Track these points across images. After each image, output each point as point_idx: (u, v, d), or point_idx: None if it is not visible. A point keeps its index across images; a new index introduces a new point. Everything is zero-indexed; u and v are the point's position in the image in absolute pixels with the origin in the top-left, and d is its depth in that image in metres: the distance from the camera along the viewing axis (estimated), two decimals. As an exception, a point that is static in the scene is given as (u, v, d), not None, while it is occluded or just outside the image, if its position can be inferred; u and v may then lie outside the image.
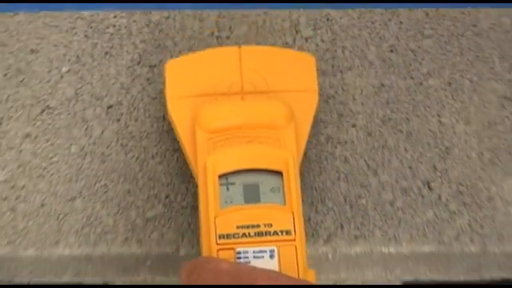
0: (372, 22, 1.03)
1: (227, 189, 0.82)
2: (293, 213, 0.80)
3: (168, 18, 1.02)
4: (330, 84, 1.00)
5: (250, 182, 0.82)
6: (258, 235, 0.79)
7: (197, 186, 0.84)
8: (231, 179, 0.82)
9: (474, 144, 0.98)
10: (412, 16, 1.03)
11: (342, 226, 0.94)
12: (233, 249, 0.79)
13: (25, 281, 0.97)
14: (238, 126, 0.84)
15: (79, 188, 0.95)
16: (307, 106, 0.89)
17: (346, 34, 1.02)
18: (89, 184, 0.96)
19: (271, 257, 0.78)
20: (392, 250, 0.94)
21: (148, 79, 1.00)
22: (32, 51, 1.01)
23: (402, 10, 1.03)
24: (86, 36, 1.02)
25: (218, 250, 0.79)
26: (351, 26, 1.02)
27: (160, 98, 0.99)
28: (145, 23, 1.02)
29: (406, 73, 1.01)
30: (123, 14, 1.03)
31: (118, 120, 0.98)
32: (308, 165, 0.97)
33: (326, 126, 0.98)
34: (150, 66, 1.00)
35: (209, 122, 0.85)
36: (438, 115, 0.99)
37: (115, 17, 1.03)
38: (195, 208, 0.95)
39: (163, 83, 0.91)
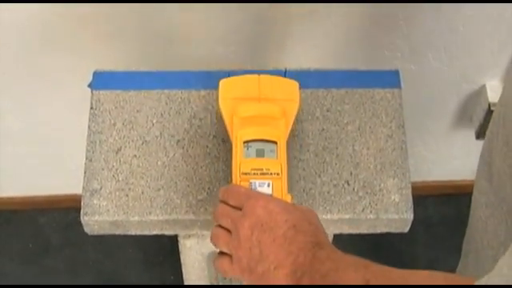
0: (317, 96, 1.03)
1: (247, 149, 0.89)
2: (281, 164, 0.88)
3: (210, 93, 1.03)
4: (296, 128, 1.00)
5: (260, 146, 0.89)
6: (262, 174, 0.86)
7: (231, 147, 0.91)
8: (250, 144, 0.89)
9: (371, 160, 0.99)
10: (339, 93, 1.04)
11: (301, 204, 0.96)
12: (248, 180, 0.85)
13: (133, 233, 0.99)
14: (255, 116, 0.91)
15: (162, 184, 0.97)
16: (292, 108, 0.95)
17: (303, 102, 1.02)
18: (167, 181, 0.97)
19: (268, 186, 0.85)
20: (328, 217, 0.96)
21: (199, 126, 1.01)
22: (137, 111, 1.02)
23: (334, 90, 1.04)
24: (166, 103, 1.03)
25: (240, 181, 0.86)
26: (306, 98, 1.03)
27: (206, 137, 1.00)
28: (197, 96, 1.03)
29: (335, 122, 1.02)
30: (185, 91, 1.03)
31: (183, 148, 1.00)
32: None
33: (293, 151, 0.99)
34: (200, 119, 1.01)
35: (241, 113, 0.92)
36: (353, 145, 1.00)
37: (181, 93, 1.03)
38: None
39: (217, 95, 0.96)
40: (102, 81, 1.05)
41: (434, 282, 0.65)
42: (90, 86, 1.05)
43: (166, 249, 1.88)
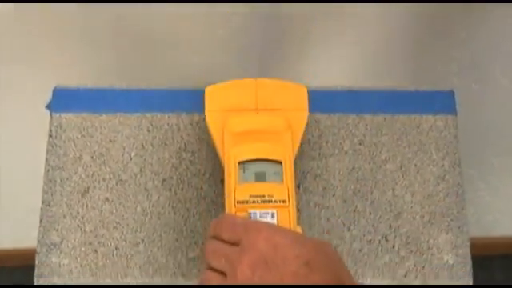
0: (347, 124, 1.05)
1: (244, 171, 0.89)
2: (288, 188, 0.88)
3: (205, 119, 1.02)
4: (317, 166, 1.02)
5: (260, 168, 0.90)
6: (264, 202, 0.86)
7: (223, 171, 0.90)
8: (246, 165, 0.89)
9: (417, 209, 1.01)
10: (374, 120, 1.05)
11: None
12: (246, 210, 0.85)
13: (102, 301, 1.01)
14: (252, 131, 0.92)
15: (142, 236, 0.99)
16: (300, 119, 0.95)
17: (328, 131, 1.04)
18: (149, 234, 0.99)
19: (272, 216, 0.85)
20: (360, 282, 0.97)
21: (191, 161, 1.02)
22: (110, 141, 1.03)
23: (368, 116, 1.05)
24: (148, 131, 1.04)
25: (236, 211, 0.86)
26: (332, 126, 1.04)
27: (200, 175, 1.02)
28: (189, 122, 1.05)
29: (370, 159, 1.03)
30: (174, 115, 1.05)
31: (170, 189, 1.01)
32: (301, 221, 0.99)
33: (314, 196, 1.01)
34: (192, 152, 1.03)
35: (234, 127, 0.92)
36: (393, 189, 1.02)
37: (169, 117, 1.05)
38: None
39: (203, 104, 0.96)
40: (64, 100, 1.06)
41: None
42: (48, 106, 1.06)
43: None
